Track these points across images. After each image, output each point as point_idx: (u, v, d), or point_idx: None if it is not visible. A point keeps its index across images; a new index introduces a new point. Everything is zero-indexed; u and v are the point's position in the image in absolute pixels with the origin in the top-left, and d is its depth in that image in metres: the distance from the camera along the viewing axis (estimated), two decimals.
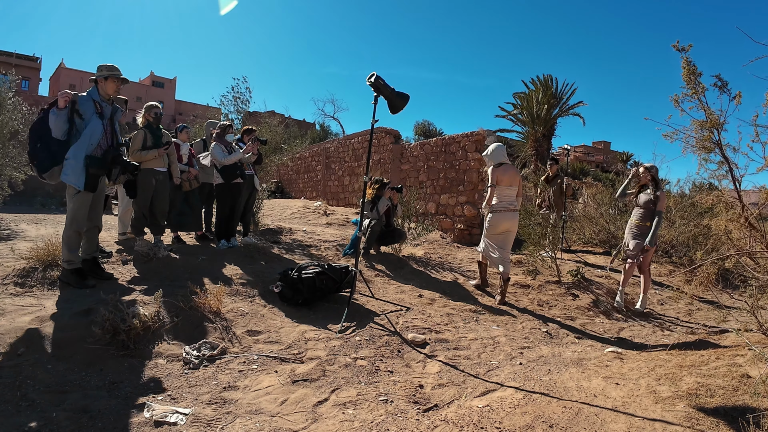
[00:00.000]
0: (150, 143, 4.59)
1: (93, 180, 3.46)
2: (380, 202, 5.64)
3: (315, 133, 28.87)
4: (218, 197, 5.26)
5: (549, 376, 2.85)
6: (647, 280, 4.83)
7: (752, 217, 2.93)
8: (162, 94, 42.06)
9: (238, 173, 5.12)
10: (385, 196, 5.69)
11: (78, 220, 3.52)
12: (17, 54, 35.25)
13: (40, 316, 2.99)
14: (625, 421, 2.20)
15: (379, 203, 5.63)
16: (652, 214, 4.63)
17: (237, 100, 6.57)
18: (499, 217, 4.60)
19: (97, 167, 3.49)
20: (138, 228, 4.77)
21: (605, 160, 47.30)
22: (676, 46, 2.88)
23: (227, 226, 5.28)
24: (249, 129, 5.59)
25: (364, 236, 5.48)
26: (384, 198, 5.67)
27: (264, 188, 7.21)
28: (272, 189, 8.25)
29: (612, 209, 8.35)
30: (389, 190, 5.75)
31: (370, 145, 3.96)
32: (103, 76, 3.52)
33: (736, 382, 2.57)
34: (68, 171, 3.43)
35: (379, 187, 5.68)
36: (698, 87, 2.80)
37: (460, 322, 3.96)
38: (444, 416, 2.27)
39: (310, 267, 4.03)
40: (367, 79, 3.61)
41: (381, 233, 5.67)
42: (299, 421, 2.20)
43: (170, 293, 3.49)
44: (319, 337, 3.29)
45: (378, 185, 5.69)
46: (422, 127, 33.93)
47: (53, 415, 2.09)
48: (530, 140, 19.42)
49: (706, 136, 2.78)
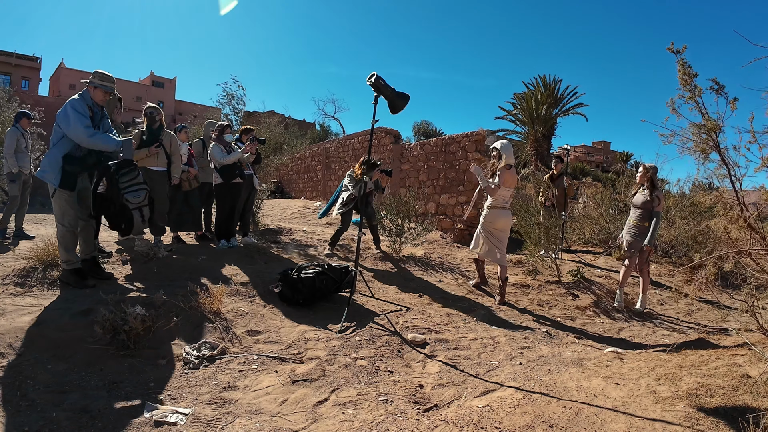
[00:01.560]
0: (143, 144, 4.59)
1: (69, 178, 3.42)
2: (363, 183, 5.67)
3: (315, 133, 28.86)
4: (218, 197, 5.27)
5: (549, 376, 2.85)
6: (646, 281, 4.83)
7: (751, 218, 2.93)
8: (162, 94, 42.02)
9: (237, 173, 5.12)
10: (372, 177, 5.71)
11: (67, 219, 3.50)
12: (17, 54, 35.22)
13: (40, 316, 2.99)
14: (625, 421, 2.20)
15: (362, 183, 5.66)
16: (650, 215, 4.63)
17: (232, 100, 6.57)
18: (496, 214, 4.61)
19: (74, 166, 3.46)
20: None
21: (605, 160, 47.31)
22: (671, 48, 2.87)
23: (227, 226, 5.29)
24: (247, 129, 5.59)
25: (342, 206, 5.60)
26: (371, 179, 5.70)
27: (264, 188, 7.21)
28: (272, 189, 8.23)
29: (612, 209, 8.34)
30: (378, 172, 5.78)
31: (370, 145, 3.96)
32: (93, 85, 3.55)
33: (736, 382, 2.58)
34: (46, 168, 3.42)
35: (369, 167, 5.66)
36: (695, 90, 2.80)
37: (460, 322, 3.96)
38: (444, 416, 2.27)
39: (310, 267, 4.04)
40: (367, 79, 3.61)
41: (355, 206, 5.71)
42: (299, 421, 2.20)
43: (170, 293, 3.49)
44: (319, 337, 3.29)
45: (368, 164, 5.68)
46: (422, 127, 33.89)
47: (53, 415, 2.09)
48: (530, 140, 19.43)
49: (704, 140, 2.78)
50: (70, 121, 3.36)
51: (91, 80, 3.57)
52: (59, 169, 3.40)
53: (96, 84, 3.55)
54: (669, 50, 2.86)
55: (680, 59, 2.83)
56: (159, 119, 4.74)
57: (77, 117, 3.37)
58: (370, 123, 3.69)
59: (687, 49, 2.86)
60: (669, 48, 2.87)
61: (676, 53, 2.85)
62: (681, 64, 2.82)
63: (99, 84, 3.55)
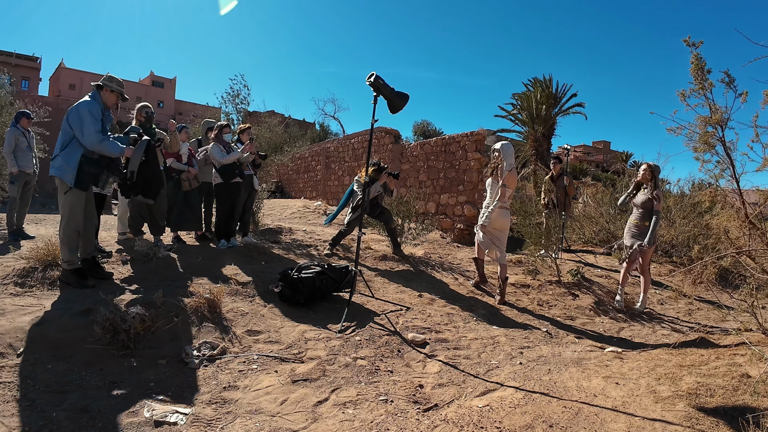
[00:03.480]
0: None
1: (86, 178, 3.50)
2: (373, 186, 5.63)
3: (315, 133, 28.87)
4: (217, 197, 5.27)
5: (549, 375, 2.85)
6: (647, 281, 4.82)
7: (753, 216, 2.93)
8: (162, 94, 42.05)
9: (236, 173, 5.12)
10: (380, 181, 5.69)
11: (75, 219, 3.53)
12: (17, 54, 35.23)
13: (40, 316, 2.99)
14: (625, 420, 2.20)
15: (372, 186, 5.63)
16: (651, 214, 4.63)
17: (236, 99, 6.57)
18: (497, 213, 4.61)
19: (91, 166, 3.53)
20: (135, 228, 4.76)
21: (605, 159, 47.31)
22: (686, 41, 2.89)
23: (227, 225, 5.29)
24: (246, 128, 5.59)
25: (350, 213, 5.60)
26: (378, 183, 5.66)
27: (264, 188, 7.21)
28: (272, 189, 8.23)
29: (612, 209, 8.34)
30: (386, 175, 5.76)
31: (370, 145, 3.96)
32: (110, 89, 3.66)
33: (736, 381, 2.57)
34: (63, 166, 3.43)
35: (375, 170, 5.65)
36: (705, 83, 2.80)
37: (460, 321, 3.96)
38: (444, 416, 2.27)
39: (310, 267, 4.04)
40: (366, 79, 3.61)
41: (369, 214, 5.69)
42: (299, 421, 2.20)
43: (170, 293, 3.49)
44: (319, 337, 3.29)
45: (374, 168, 5.66)
46: (421, 127, 33.90)
47: (53, 415, 2.09)
48: (530, 140, 19.41)
49: (710, 132, 2.79)
50: (84, 124, 3.40)
51: (107, 83, 3.65)
52: (77, 169, 3.45)
53: (113, 88, 3.66)
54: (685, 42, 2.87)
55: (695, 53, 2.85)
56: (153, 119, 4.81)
57: (92, 121, 3.43)
58: (370, 123, 3.69)
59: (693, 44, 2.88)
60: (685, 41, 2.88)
61: (691, 46, 2.87)
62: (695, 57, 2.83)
63: (116, 89, 3.68)
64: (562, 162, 7.60)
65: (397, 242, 5.93)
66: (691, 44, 2.86)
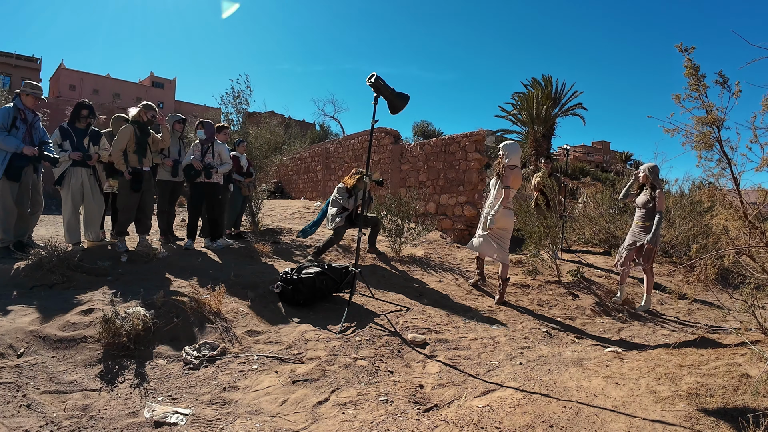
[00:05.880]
0: (137, 142, 4.55)
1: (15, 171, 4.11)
2: (358, 194, 5.62)
3: (315, 134, 28.85)
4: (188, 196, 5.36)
5: (549, 376, 2.85)
6: (650, 281, 4.81)
7: (752, 215, 2.94)
8: (162, 94, 42.01)
9: (194, 173, 5.05)
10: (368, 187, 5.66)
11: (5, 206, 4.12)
12: (17, 55, 35.22)
13: (40, 316, 2.99)
14: (625, 421, 2.20)
15: (357, 194, 5.62)
16: (652, 214, 4.63)
17: (237, 99, 6.56)
18: (501, 213, 4.61)
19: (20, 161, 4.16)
20: (121, 229, 4.69)
21: (605, 160, 47.29)
22: (679, 47, 2.90)
23: (191, 225, 5.27)
24: (221, 126, 5.54)
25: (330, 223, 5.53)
26: (360, 191, 5.63)
27: (263, 188, 7.21)
28: (272, 189, 8.23)
29: (612, 209, 8.35)
30: (371, 183, 5.74)
31: (370, 146, 3.96)
32: (26, 93, 4.30)
33: (736, 381, 2.58)
34: None
35: (360, 178, 5.64)
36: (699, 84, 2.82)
37: (460, 322, 3.96)
38: (444, 416, 2.27)
39: (310, 267, 4.04)
40: (367, 79, 3.61)
41: (351, 223, 5.66)
42: (299, 422, 2.21)
43: (170, 293, 3.49)
44: (319, 338, 3.29)
45: (359, 176, 5.65)
46: (421, 128, 33.88)
47: (53, 415, 2.09)
48: (530, 140, 19.42)
49: (707, 132, 2.79)
50: None
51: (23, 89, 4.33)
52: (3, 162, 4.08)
53: (28, 92, 4.28)
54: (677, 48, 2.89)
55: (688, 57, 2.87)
56: None
57: None
58: (370, 123, 3.69)
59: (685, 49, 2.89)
60: (677, 46, 2.90)
61: (684, 51, 2.88)
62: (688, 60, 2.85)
63: (30, 92, 4.28)
64: (552, 161, 7.60)
65: (374, 240, 6.04)
66: (683, 50, 2.88)
